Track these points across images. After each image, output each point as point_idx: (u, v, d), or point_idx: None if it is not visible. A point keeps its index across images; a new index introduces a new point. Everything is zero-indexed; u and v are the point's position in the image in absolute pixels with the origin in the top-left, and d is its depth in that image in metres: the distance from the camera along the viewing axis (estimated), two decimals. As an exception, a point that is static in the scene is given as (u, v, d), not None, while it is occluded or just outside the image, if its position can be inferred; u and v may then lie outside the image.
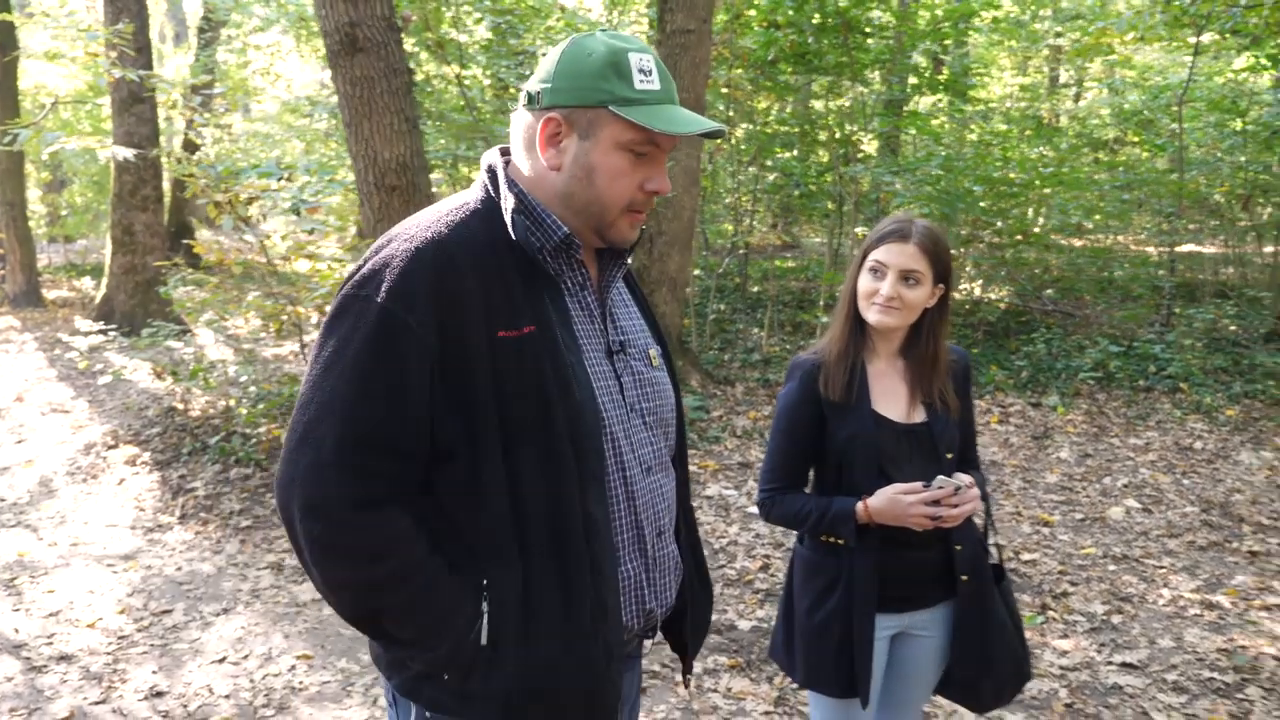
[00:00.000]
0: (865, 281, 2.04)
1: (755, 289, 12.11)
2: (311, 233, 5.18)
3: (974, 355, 8.59)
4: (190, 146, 13.14)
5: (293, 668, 3.64)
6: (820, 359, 2.08)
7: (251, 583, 4.39)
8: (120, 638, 3.88)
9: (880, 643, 2.08)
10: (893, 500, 1.96)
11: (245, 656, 3.73)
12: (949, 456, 2.08)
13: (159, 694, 3.45)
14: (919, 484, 1.98)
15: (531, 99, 1.43)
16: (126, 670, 3.62)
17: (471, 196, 1.47)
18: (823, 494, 2.09)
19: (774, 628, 2.23)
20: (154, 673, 3.60)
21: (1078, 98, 16.56)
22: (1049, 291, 10.66)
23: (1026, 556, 4.58)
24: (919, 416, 2.09)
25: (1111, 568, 4.47)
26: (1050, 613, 4.01)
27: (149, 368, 7.12)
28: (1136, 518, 5.13)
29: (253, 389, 6.09)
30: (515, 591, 1.37)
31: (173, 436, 6.20)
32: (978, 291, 10.95)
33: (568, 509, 1.38)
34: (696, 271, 10.95)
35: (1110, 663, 3.60)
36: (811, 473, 2.16)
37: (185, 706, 3.37)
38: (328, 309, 1.42)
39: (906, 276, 2.00)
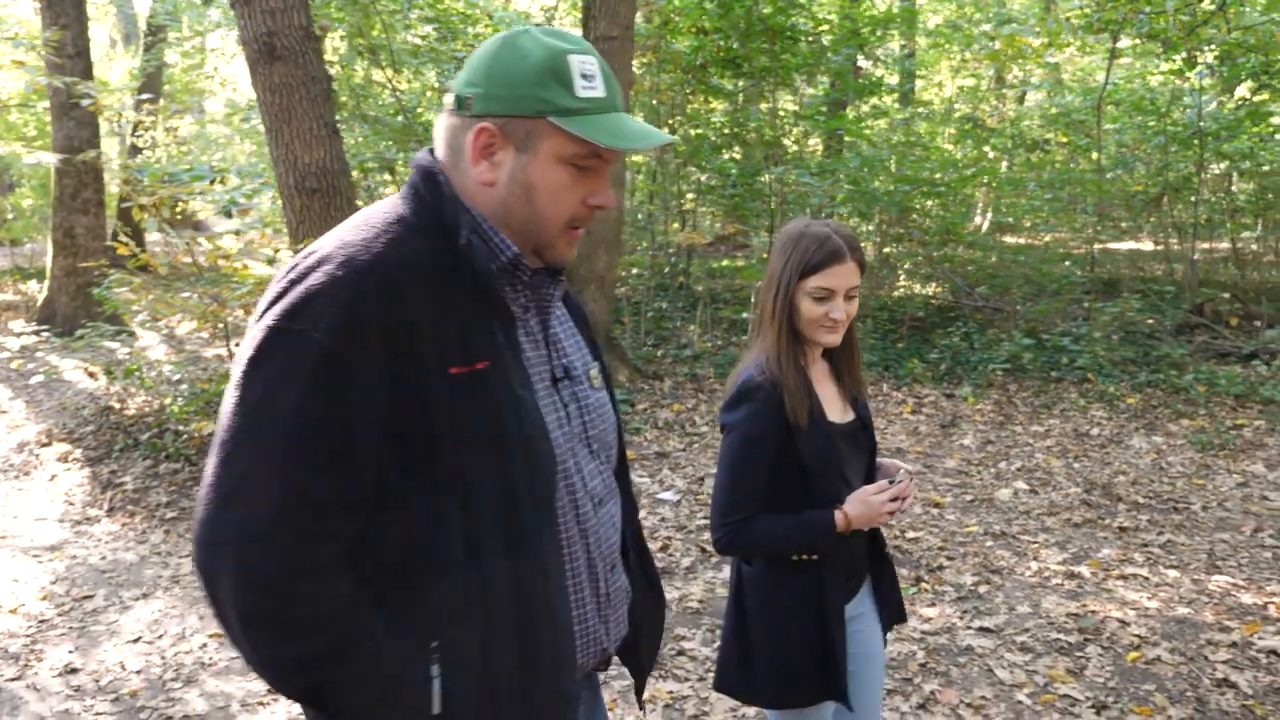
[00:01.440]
0: (810, 306, 1.99)
1: (699, 287, 12.42)
2: (239, 234, 5.35)
3: (898, 349, 8.93)
4: (135, 151, 13.19)
5: (204, 645, 3.85)
6: (773, 379, 1.99)
7: (173, 570, 4.59)
8: (41, 621, 4.07)
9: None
10: (868, 503, 1.98)
11: (160, 636, 3.93)
12: (875, 445, 2.18)
13: (73, 670, 3.65)
14: (885, 482, 2.02)
15: (461, 103, 1.29)
16: (44, 650, 3.81)
17: (406, 209, 1.30)
18: (780, 512, 2.01)
19: (721, 658, 2.14)
20: (70, 652, 3.79)
21: (1022, 99, 17.02)
22: (981, 289, 11.04)
23: (911, 535, 4.88)
24: (851, 414, 2.12)
25: (989, 544, 4.77)
26: (923, 584, 4.30)
27: (94, 368, 7.26)
28: (1022, 498, 5.45)
29: (184, 386, 6.26)
30: (469, 654, 1.25)
31: (106, 434, 6.36)
32: (917, 288, 11.32)
33: (525, 557, 1.27)
34: (641, 270, 11.24)
35: (969, 627, 3.89)
36: None
37: (97, 681, 3.56)
38: (244, 344, 1.21)
39: (850, 294, 2.00)
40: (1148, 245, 14.03)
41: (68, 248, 9.80)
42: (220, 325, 5.45)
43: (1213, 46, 9.81)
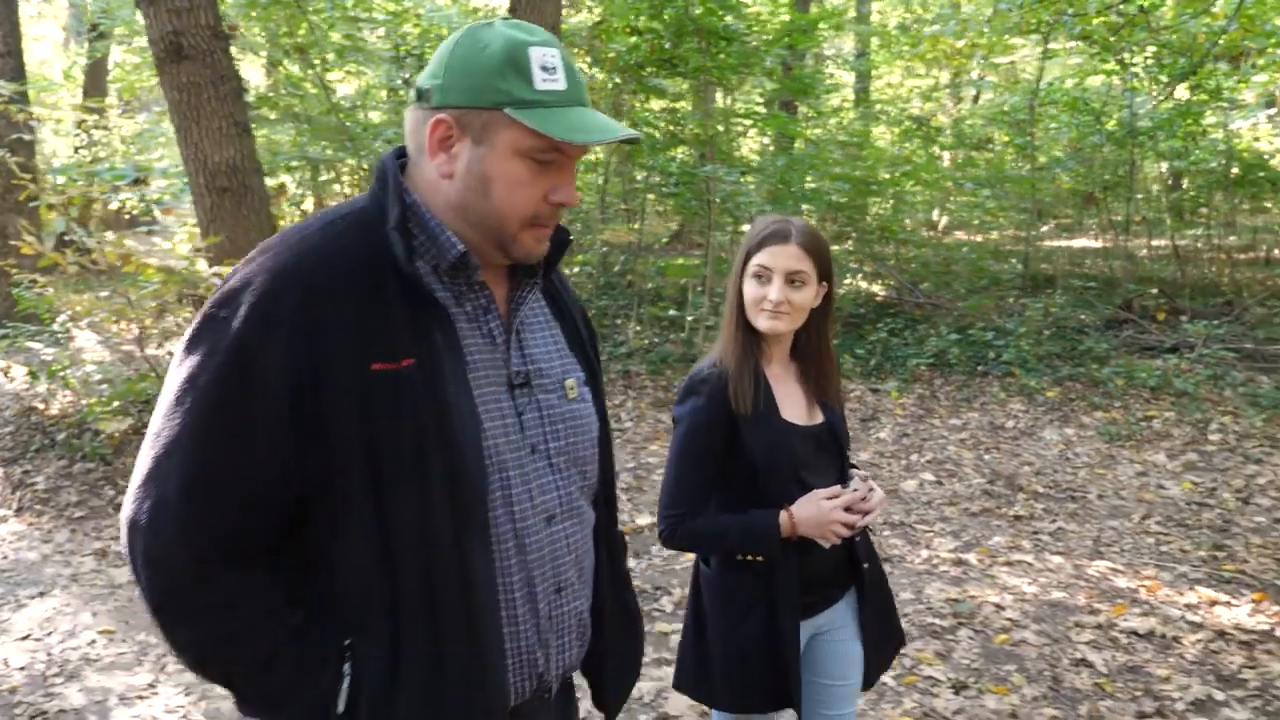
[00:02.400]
0: (751, 288, 1.98)
1: (650, 285, 12.51)
2: (150, 233, 5.36)
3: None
4: (78, 150, 13.08)
5: (93, 642, 3.87)
6: (723, 371, 1.99)
7: (73, 568, 4.60)
8: (-68, 620, 4.08)
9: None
10: (817, 507, 1.94)
11: (49, 634, 3.95)
12: (847, 453, 2.12)
13: (-44, 668, 3.66)
14: (837, 487, 1.97)
15: (421, 96, 1.28)
16: (-69, 648, 3.82)
17: (360, 204, 1.32)
18: (731, 510, 2.00)
19: (679, 658, 2.14)
20: (-43, 650, 3.81)
21: (976, 98, 17.25)
22: (925, 285, 11.20)
23: (811, 525, 4.97)
24: (819, 417, 2.08)
25: (886, 533, 4.88)
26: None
27: (22, 370, 7.22)
28: (927, 489, 5.57)
29: (105, 387, 6.25)
30: (380, 655, 1.24)
31: (24, 434, 6.34)
32: (864, 285, 11.46)
33: (443, 568, 1.24)
34: (588, 268, 11.30)
35: (850, 613, 3.99)
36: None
37: (-21, 678, 3.59)
38: (190, 325, 1.25)
39: (792, 279, 1.96)
40: (1098, 243, 14.29)
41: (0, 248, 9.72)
42: (131, 324, 5.45)
43: (1139, 48, 10.03)
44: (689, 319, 9.15)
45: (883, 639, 2.15)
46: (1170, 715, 3.19)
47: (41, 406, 6.85)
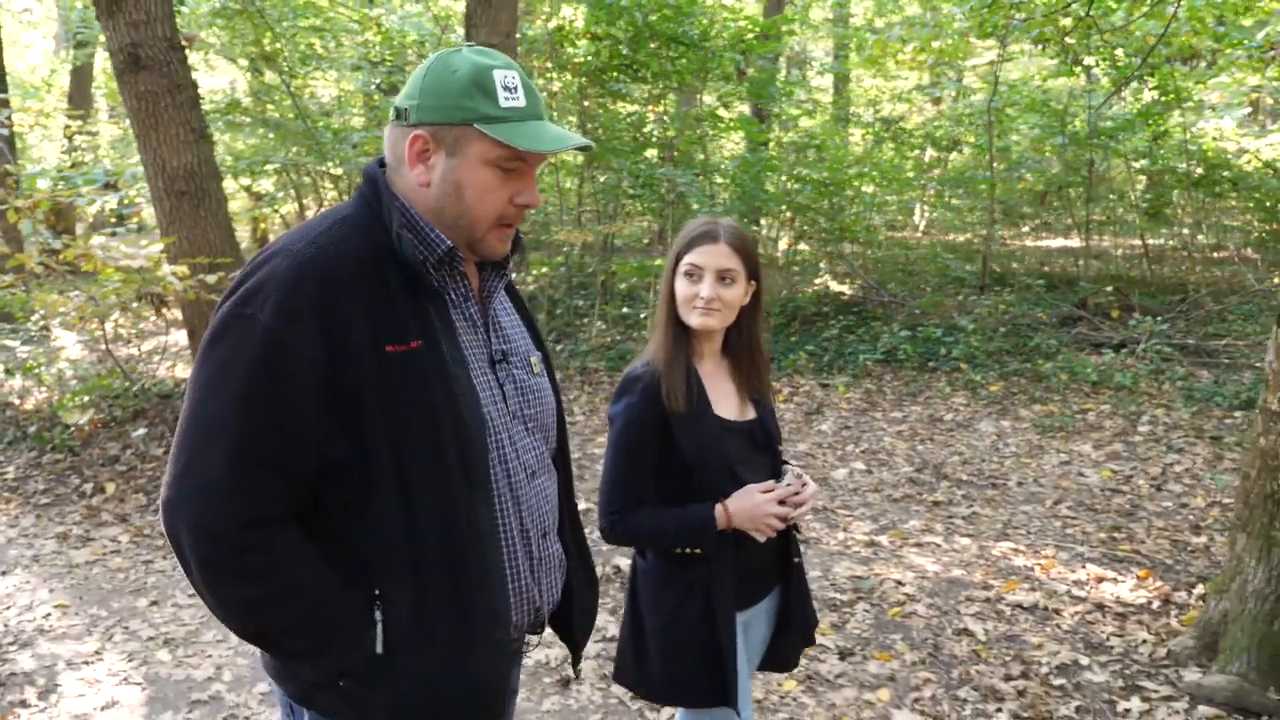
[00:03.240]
0: (683, 286, 2.04)
1: (623, 285, 12.78)
2: (114, 235, 5.61)
3: (790, 342, 9.31)
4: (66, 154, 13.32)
5: (48, 615, 4.13)
6: (655, 369, 2.04)
7: (35, 550, 4.86)
8: (-102, 598, 4.33)
9: (740, 645, 2.11)
10: (752, 500, 1.98)
11: (8, 608, 4.21)
12: (779, 448, 2.18)
13: (-83, 640, 3.92)
14: (771, 481, 2.03)
15: (400, 114, 1.46)
16: (-105, 623, 4.08)
17: (350, 209, 1.49)
18: (667, 505, 2.05)
19: (619, 649, 2.19)
20: (-80, 624, 4.07)
21: (938, 101, 17.50)
22: (891, 285, 11.47)
23: (739, 510, 5.24)
24: (750, 413, 2.13)
25: (808, 517, 5.14)
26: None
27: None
28: (856, 477, 5.83)
29: (75, 382, 6.51)
30: (408, 602, 1.41)
31: (-2, 427, 6.59)
32: (834, 285, 11.73)
33: (457, 520, 1.41)
34: (561, 267, 11.56)
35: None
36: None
37: (-62, 648, 3.85)
38: (207, 329, 1.40)
39: (723, 276, 2.02)
40: (1075, 242, 14.56)
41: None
42: (106, 324, 5.70)
43: (1094, 49, 10.30)
44: (643, 316, 9.40)
45: (801, 626, 2.22)
46: (1034, 678, 3.45)
47: (17, 401, 7.10)
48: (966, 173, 11.43)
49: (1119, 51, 9.68)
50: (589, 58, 9.21)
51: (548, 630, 1.74)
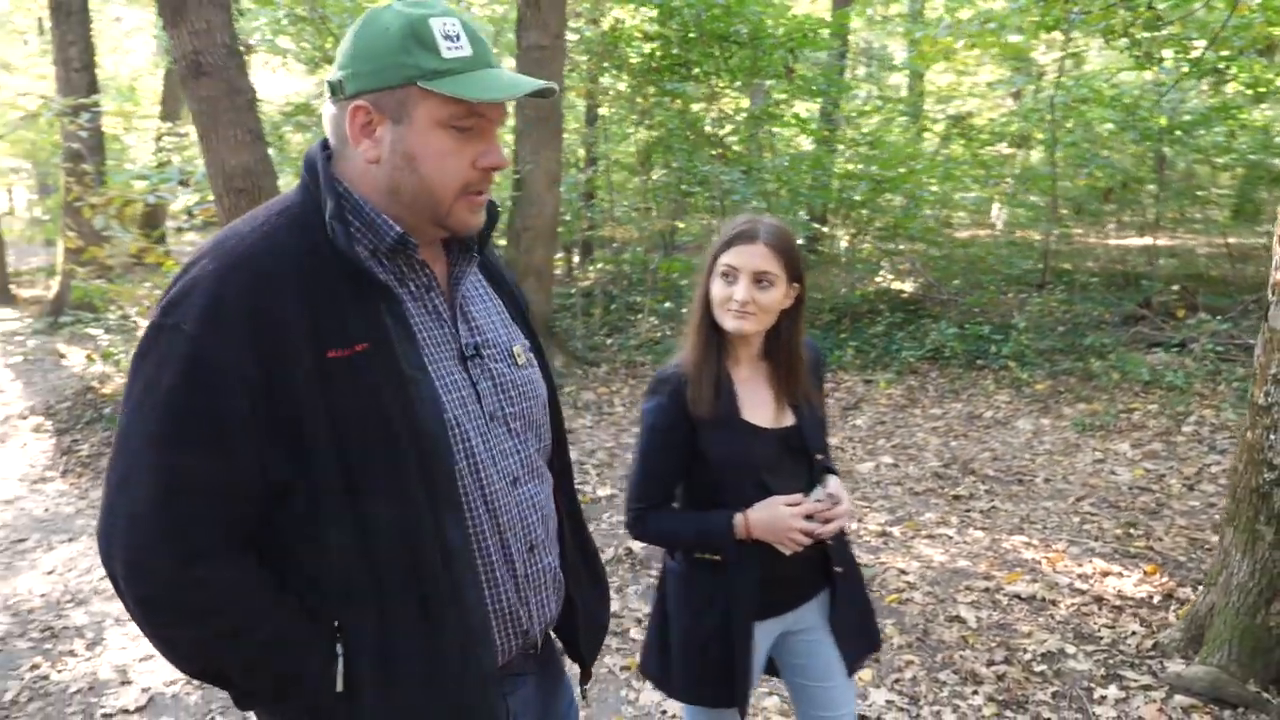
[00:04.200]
0: (718, 288, 1.97)
1: (684, 282, 12.96)
2: (195, 230, 6.00)
3: (839, 338, 9.35)
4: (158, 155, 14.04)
5: (102, 576, 4.50)
6: (683, 377, 1.99)
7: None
8: (-24, 559, 4.77)
9: (760, 651, 2.08)
10: (774, 512, 1.93)
11: (70, 570, 4.59)
12: (819, 457, 2.08)
13: (-12, 595, 4.33)
14: (799, 495, 1.97)
15: (335, 89, 1.31)
16: (-30, 580, 4.50)
17: (288, 200, 1.33)
18: (694, 508, 2.03)
19: (645, 641, 2.19)
20: (-8, 582, 4.48)
21: (1019, 94, 17.17)
22: (956, 283, 11.39)
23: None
24: (788, 420, 2.05)
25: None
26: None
27: (82, 354, 8.05)
28: (882, 470, 5.89)
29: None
30: (371, 632, 1.27)
31: (79, 409, 7.10)
32: (895, 283, 11.71)
33: (420, 539, 1.27)
34: (622, 265, 11.80)
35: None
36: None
37: (6, 601, 4.23)
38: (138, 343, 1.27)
39: (759, 279, 1.94)
40: (1150, 239, 14.20)
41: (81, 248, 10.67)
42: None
43: (1163, 41, 10.05)
44: (666, 307, 9.57)
45: (854, 640, 2.14)
46: (1016, 664, 3.51)
47: (97, 386, 7.63)
48: (1030, 169, 11.23)
49: (1197, 44, 9.43)
50: (642, 58, 9.39)
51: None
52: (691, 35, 8.51)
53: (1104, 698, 3.27)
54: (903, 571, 4.36)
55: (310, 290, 1.24)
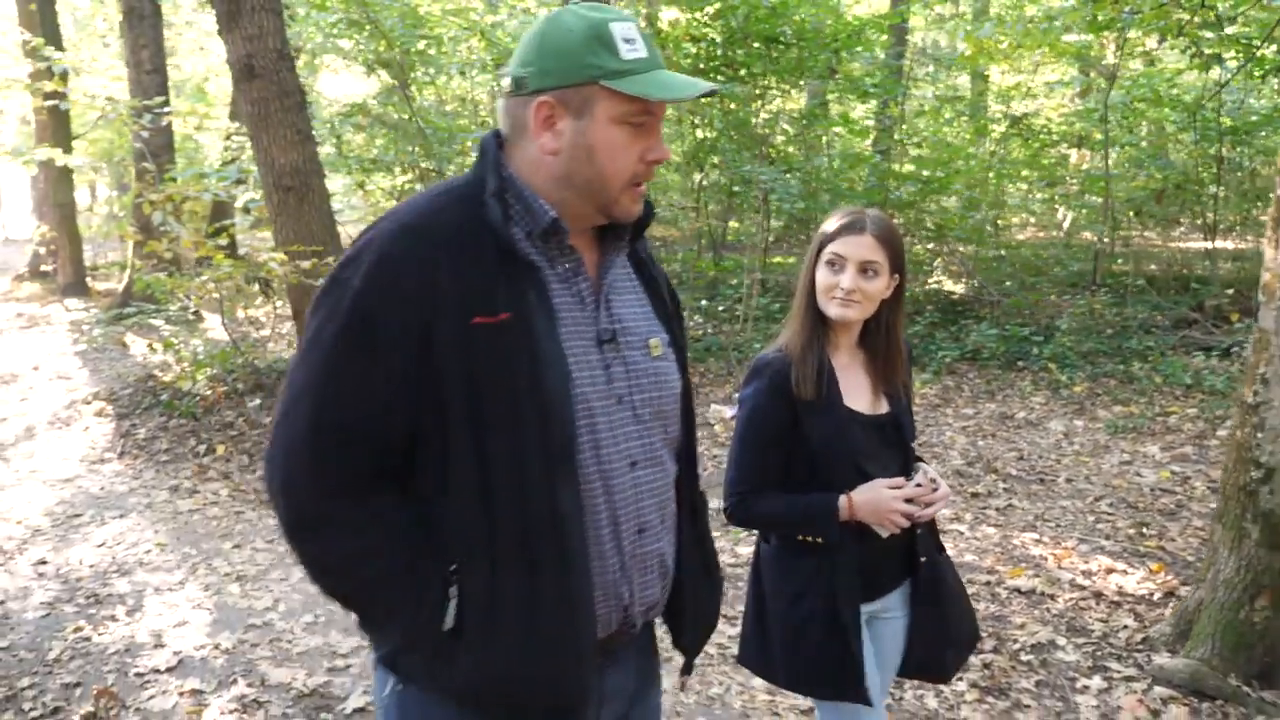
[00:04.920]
0: (824, 275, 2.01)
1: (734, 281, 13.09)
2: (230, 228, 6.33)
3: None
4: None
5: (148, 551, 4.80)
6: (787, 357, 2.03)
7: (150, 498, 5.59)
8: (35, 531, 5.11)
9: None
10: (878, 494, 1.96)
11: (119, 544, 4.91)
12: (913, 445, 2.13)
13: (43, 562, 4.65)
14: (902, 479, 2.00)
15: (518, 84, 1.41)
16: (29, 549, 4.83)
17: (461, 180, 1.45)
18: (793, 491, 2.04)
19: (743, 631, 2.21)
20: (48, 552, 4.81)
21: (1083, 93, 16.86)
22: (1008, 284, 11.32)
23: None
24: (884, 408, 2.09)
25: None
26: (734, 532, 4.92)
27: (144, 343, 8.48)
28: (904, 467, 5.94)
29: (198, 357, 7.33)
30: (482, 583, 1.37)
31: (139, 396, 7.50)
32: (949, 284, 11.68)
33: (537, 503, 1.36)
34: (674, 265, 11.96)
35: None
36: None
37: (58, 570, 4.56)
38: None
39: (865, 268, 1.98)
40: (1228, 244, 13.90)
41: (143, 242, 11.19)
42: (229, 303, 6.42)
43: (1225, 41, 9.85)
44: (721, 310, 9.67)
45: (942, 633, 2.12)
46: (1004, 653, 3.58)
47: (159, 374, 8.03)
48: (1083, 170, 11.10)
49: (1239, 43, 9.24)
50: (690, 58, 9.53)
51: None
52: (738, 36, 8.61)
53: (1086, 687, 3.33)
54: (908, 564, 4.44)
55: (466, 261, 1.35)
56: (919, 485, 1.98)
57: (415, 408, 1.34)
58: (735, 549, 4.68)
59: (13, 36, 13.65)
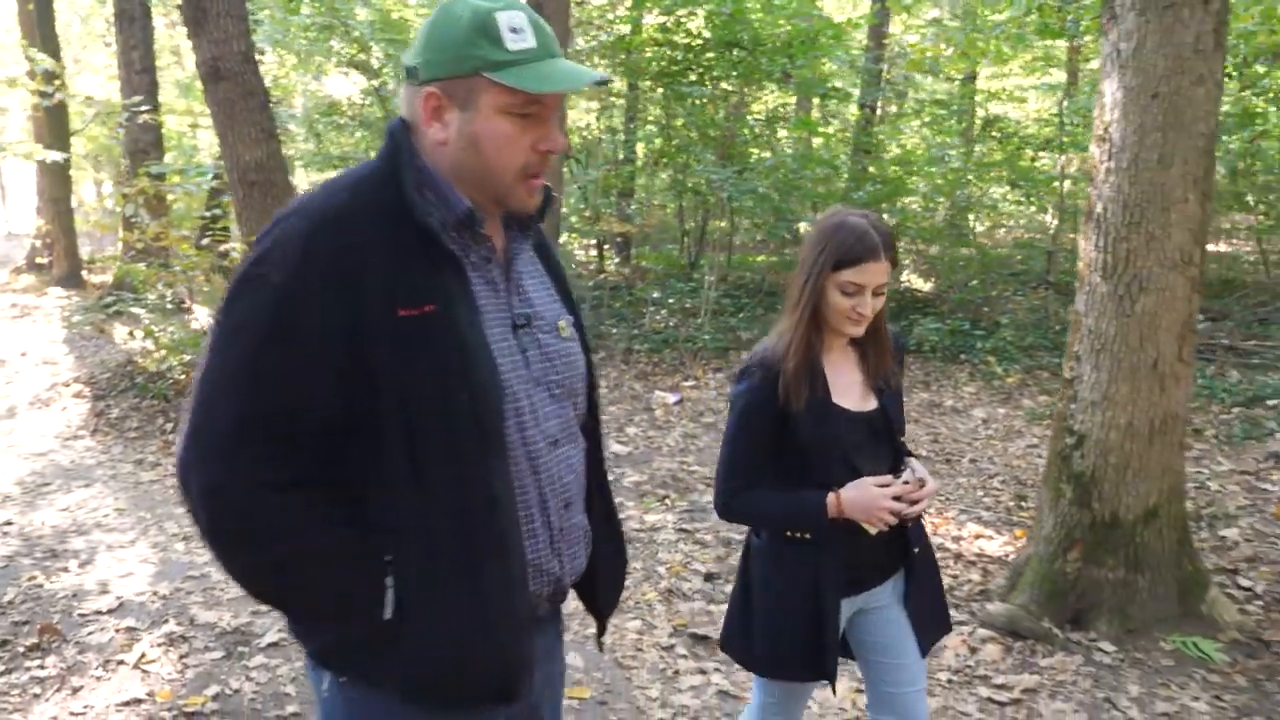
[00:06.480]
0: (839, 300, 2.01)
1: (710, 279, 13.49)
2: (215, 220, 6.77)
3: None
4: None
5: (107, 515, 5.22)
6: (776, 362, 2.04)
7: (116, 470, 6.02)
8: (5, 497, 5.54)
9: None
10: (866, 493, 1.98)
11: (81, 509, 5.33)
12: (901, 439, 2.16)
13: (9, 524, 5.08)
14: (889, 476, 2.03)
15: (410, 74, 1.42)
16: (-4, 513, 5.27)
17: (371, 167, 1.44)
18: (781, 489, 2.07)
19: (727, 619, 2.26)
20: (15, 515, 5.23)
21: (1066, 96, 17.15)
22: (973, 283, 11.69)
23: (696, 468, 5.86)
24: (872, 403, 2.12)
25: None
26: (669, 498, 5.32)
27: (125, 330, 8.93)
28: (823, 449, 6.33)
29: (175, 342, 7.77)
30: (419, 568, 1.37)
31: (117, 379, 7.93)
32: (917, 282, 12.05)
33: (471, 488, 1.37)
34: (663, 265, 12.38)
35: (678, 528, 4.90)
36: None
37: (21, 530, 4.98)
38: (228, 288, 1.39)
39: (879, 291, 2.02)
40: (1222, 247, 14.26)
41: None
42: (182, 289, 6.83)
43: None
44: (670, 301, 10.06)
45: (927, 620, 2.19)
46: (859, 603, 3.97)
47: (139, 360, 8.47)
48: (1036, 171, 11.46)
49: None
50: (653, 64, 9.94)
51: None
52: (697, 42, 9.02)
53: (921, 632, 3.71)
54: (798, 530, 4.83)
55: (389, 252, 1.34)
56: (906, 483, 2.00)
57: (343, 401, 1.33)
58: (644, 516, 5.07)
59: (15, 35, 14.17)
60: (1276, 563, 4.34)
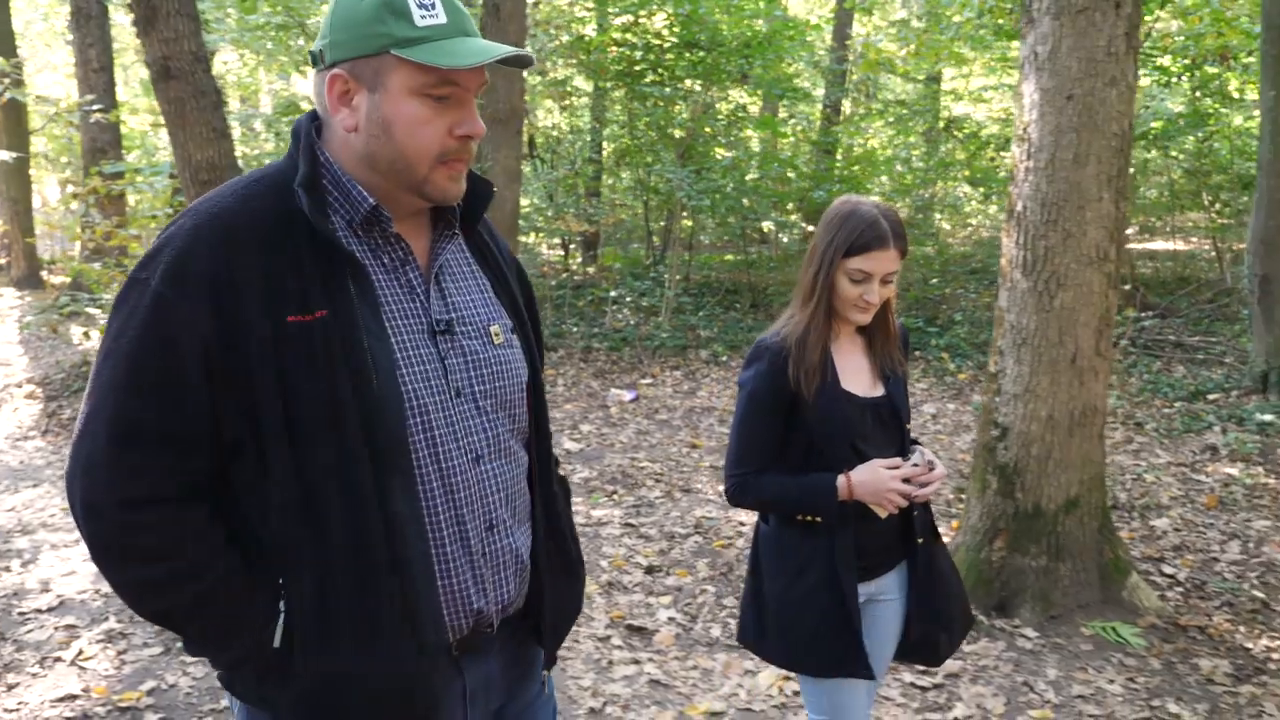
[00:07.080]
0: (847, 287, 2.02)
1: (677, 277, 13.58)
2: (155, 219, 6.75)
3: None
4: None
5: (53, 515, 5.22)
6: (786, 348, 2.05)
7: (63, 470, 6.00)
8: (-48, 498, 5.52)
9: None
10: (875, 475, 1.98)
11: (27, 509, 5.32)
12: (908, 426, 2.16)
13: (-47, 524, 5.07)
14: (898, 459, 2.03)
15: (315, 59, 1.35)
16: (-58, 513, 5.25)
17: (274, 167, 1.36)
18: (789, 473, 2.07)
19: (741, 608, 2.25)
20: (-40, 515, 5.22)
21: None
22: (935, 281, 11.84)
23: (645, 462, 5.93)
24: (880, 389, 2.13)
25: (703, 472, 5.79)
26: (617, 493, 5.38)
27: (80, 331, 8.88)
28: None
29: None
30: (310, 593, 1.29)
31: (71, 380, 7.90)
32: None
33: (367, 510, 1.29)
34: (629, 263, 12.44)
35: (626, 522, 4.96)
36: None
37: (-35, 531, 4.98)
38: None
39: (887, 279, 2.02)
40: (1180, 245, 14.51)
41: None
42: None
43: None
44: (613, 295, 10.15)
45: (936, 615, 2.15)
46: (794, 594, 4.05)
47: (94, 360, 8.43)
48: (991, 173, 11.64)
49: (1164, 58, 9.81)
50: (613, 65, 10.00)
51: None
52: (657, 42, 9.09)
53: (852, 621, 3.80)
54: (742, 524, 4.91)
55: (276, 255, 1.27)
56: (915, 466, 2.02)
57: (225, 414, 1.26)
58: (591, 512, 5.13)
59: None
60: (1201, 551, 4.47)
